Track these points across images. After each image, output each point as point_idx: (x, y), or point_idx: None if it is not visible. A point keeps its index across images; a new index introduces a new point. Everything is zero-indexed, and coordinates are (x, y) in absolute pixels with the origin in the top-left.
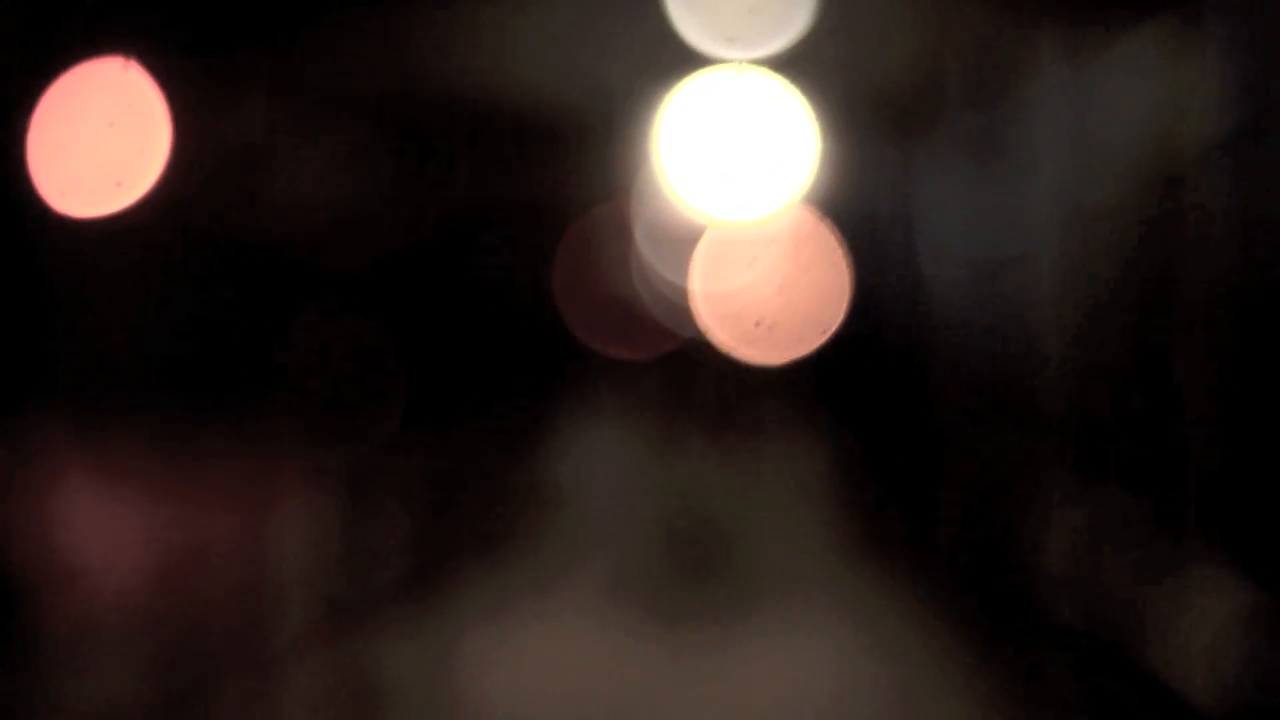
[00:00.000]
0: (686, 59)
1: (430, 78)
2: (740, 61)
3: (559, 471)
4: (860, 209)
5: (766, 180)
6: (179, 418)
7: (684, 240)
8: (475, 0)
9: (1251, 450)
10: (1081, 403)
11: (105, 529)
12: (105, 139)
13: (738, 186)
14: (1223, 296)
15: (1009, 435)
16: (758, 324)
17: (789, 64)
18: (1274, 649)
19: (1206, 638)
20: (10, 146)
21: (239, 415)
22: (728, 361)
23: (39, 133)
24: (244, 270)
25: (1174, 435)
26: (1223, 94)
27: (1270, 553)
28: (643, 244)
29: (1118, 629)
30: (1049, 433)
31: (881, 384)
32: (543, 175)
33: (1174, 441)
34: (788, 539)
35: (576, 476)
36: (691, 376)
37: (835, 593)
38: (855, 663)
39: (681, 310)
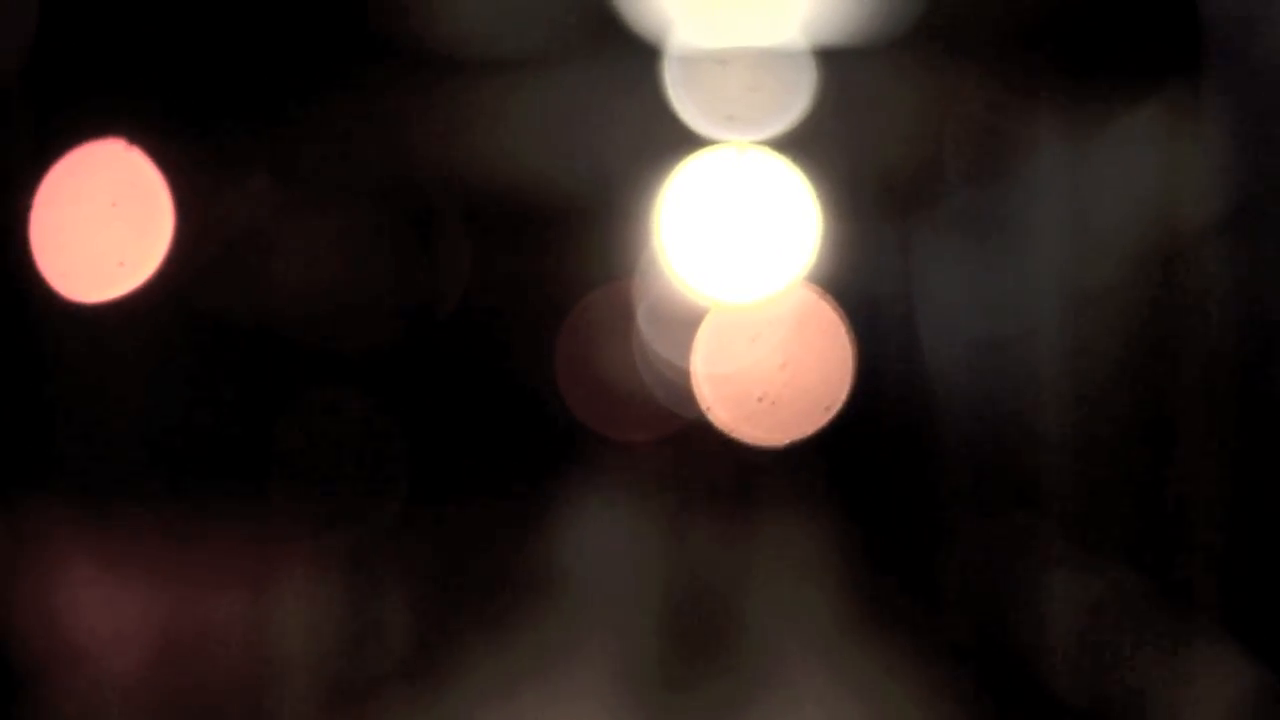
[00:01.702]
0: (686, 139)
1: (430, 161)
2: (740, 142)
3: (562, 553)
4: (861, 288)
5: (768, 261)
6: (182, 500)
7: (686, 321)
8: (475, 83)
9: (1253, 528)
10: (1082, 481)
11: (108, 612)
12: (108, 220)
13: (739, 267)
14: (1222, 375)
15: (1010, 513)
16: (760, 399)
17: (789, 144)
18: None
19: (1212, 711)
20: (12, 228)
21: (242, 497)
22: (730, 442)
23: (41, 214)
24: (246, 353)
25: (1175, 513)
26: (1220, 175)
27: (1273, 630)
28: (644, 325)
29: (1120, 707)
30: (1050, 510)
31: (883, 462)
32: (544, 258)
33: (1175, 519)
34: (791, 618)
35: (580, 558)
36: (694, 457)
37: (839, 672)
38: None
39: (684, 391)
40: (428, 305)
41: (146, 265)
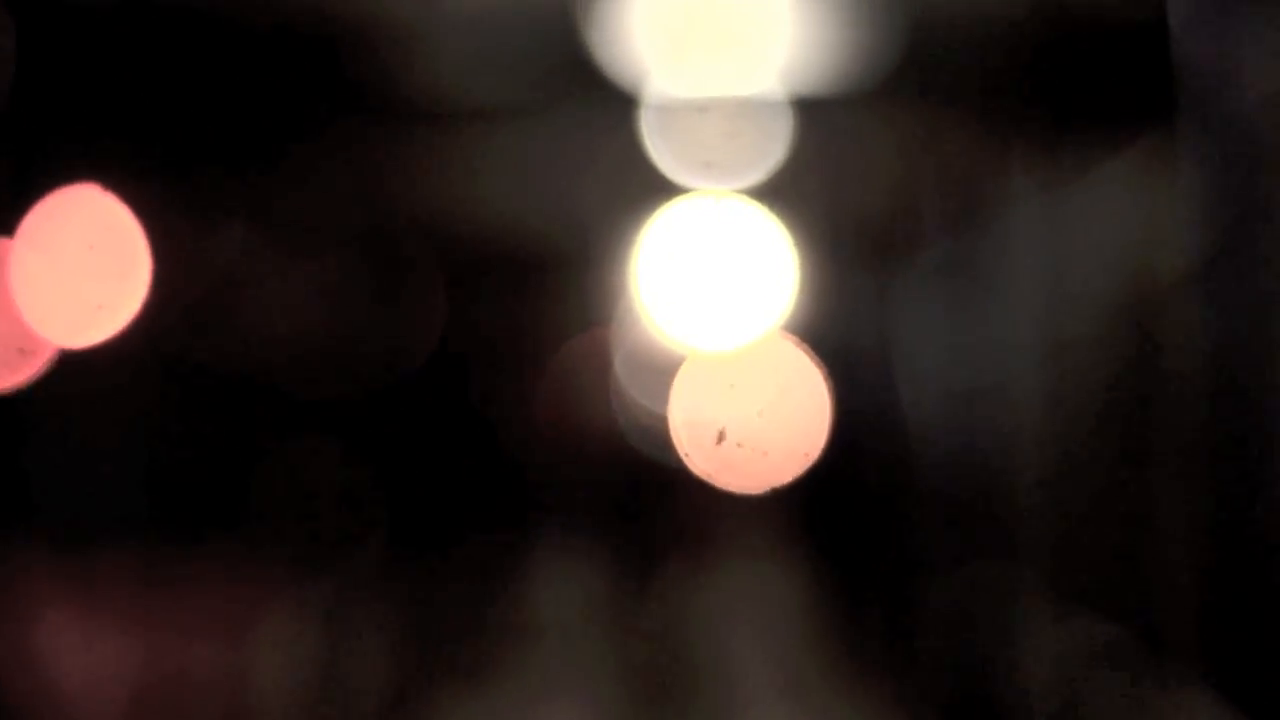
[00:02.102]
0: (663, 187)
1: (406, 208)
2: (717, 190)
3: (538, 602)
4: (839, 336)
5: (745, 309)
6: (158, 547)
7: (663, 369)
8: (451, 130)
9: (1233, 579)
10: (1060, 531)
11: (85, 659)
12: (85, 264)
13: (717, 315)
14: (1197, 424)
15: (987, 561)
16: (739, 446)
17: (766, 192)
18: None
19: None
20: None
21: (219, 544)
22: (707, 489)
23: (18, 259)
24: (223, 399)
25: (1153, 563)
26: (1195, 224)
27: (1253, 679)
28: (622, 373)
29: None
30: (1028, 559)
31: (861, 510)
32: (520, 306)
33: (1153, 569)
34: (767, 666)
35: (556, 607)
36: (671, 506)
37: (812, 713)
38: None
39: (661, 438)
40: (404, 353)
41: (125, 309)
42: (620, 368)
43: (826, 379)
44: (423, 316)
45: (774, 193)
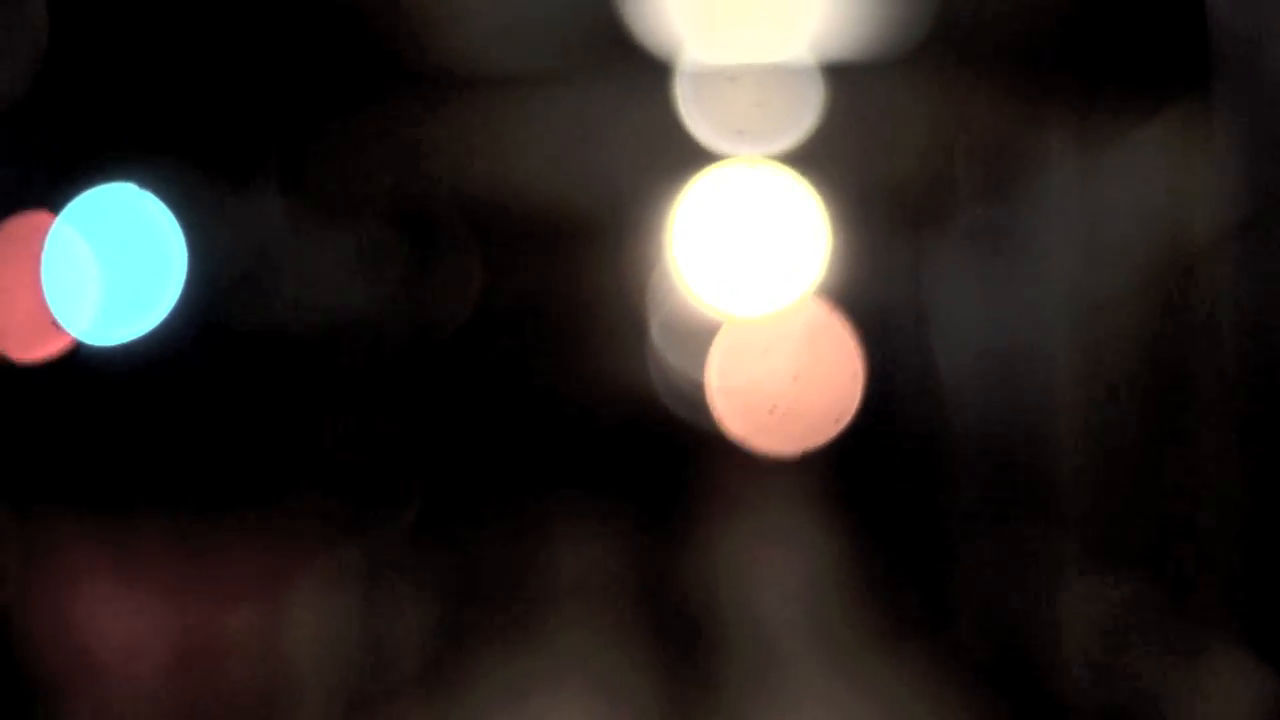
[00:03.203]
0: (697, 155)
1: (442, 177)
2: (751, 156)
3: (574, 563)
4: (872, 301)
5: (779, 275)
6: (197, 513)
7: (699, 334)
8: (486, 99)
9: (1267, 537)
10: (1096, 491)
11: (123, 624)
12: (119, 256)
13: (751, 281)
14: (1233, 386)
15: (1022, 523)
16: (771, 412)
17: (799, 159)
18: None
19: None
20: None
21: (257, 510)
22: (743, 453)
23: (55, 240)
24: (261, 367)
25: (1189, 523)
26: (1230, 186)
27: None
28: (658, 339)
29: (1137, 716)
30: (1063, 521)
31: (896, 474)
32: (556, 273)
33: (1189, 529)
34: (804, 630)
35: (591, 568)
36: (707, 469)
37: (852, 682)
38: None
39: (697, 403)
40: (440, 320)
41: (167, 297)
42: (656, 333)
43: (859, 344)
44: (457, 284)
45: (806, 159)
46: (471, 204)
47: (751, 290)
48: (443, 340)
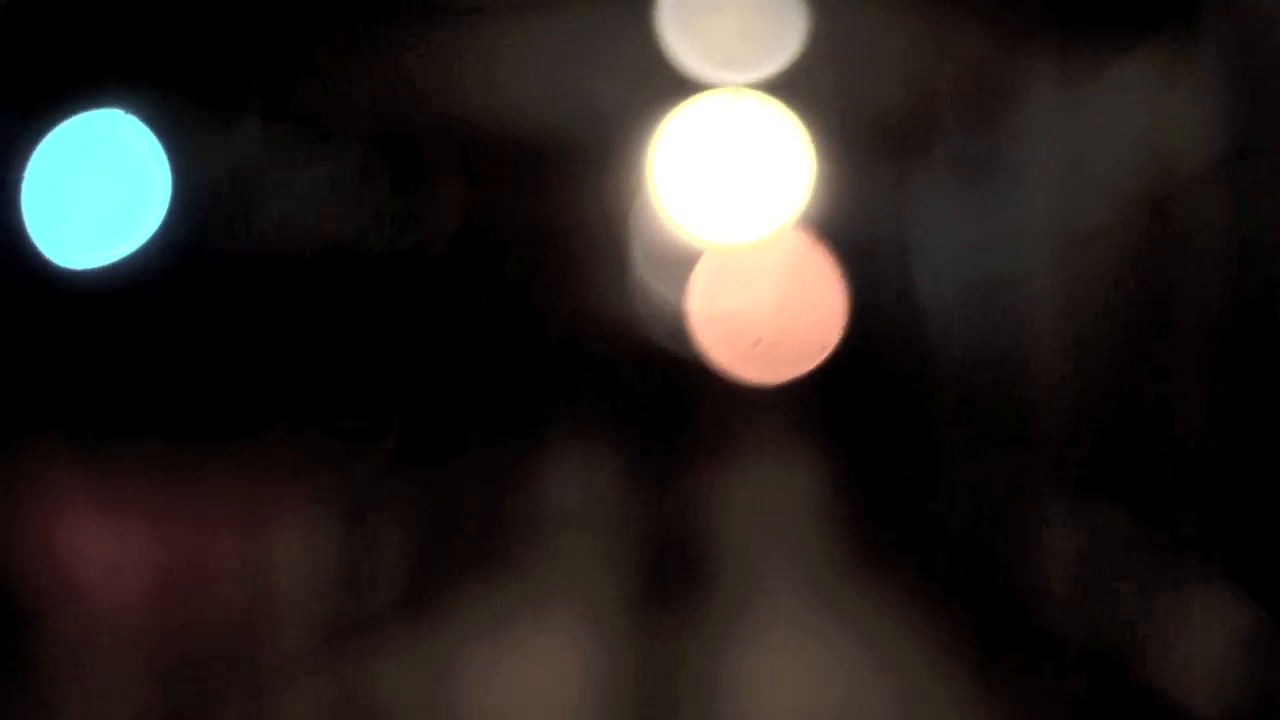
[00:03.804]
0: (680, 83)
1: (423, 102)
2: (733, 84)
3: (556, 492)
4: (855, 231)
5: (762, 203)
6: (176, 441)
7: (682, 262)
8: (469, 25)
9: (1249, 469)
10: (1078, 422)
11: (103, 551)
12: (101, 185)
13: (733, 210)
14: (1217, 316)
15: (1005, 453)
16: (755, 343)
17: (782, 87)
18: (1272, 667)
19: (1207, 655)
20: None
21: (237, 438)
22: (725, 381)
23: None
24: (242, 294)
25: (1170, 454)
26: (1214, 117)
27: (1270, 572)
28: (640, 265)
29: (1116, 647)
30: (1046, 451)
31: (878, 403)
32: (538, 199)
33: (1171, 460)
34: (785, 559)
35: (574, 497)
36: (689, 397)
37: (834, 611)
38: (853, 680)
39: (680, 331)
40: (423, 246)
41: (144, 225)
42: (639, 261)
43: (841, 273)
44: (440, 210)
45: (788, 88)
46: (455, 129)
47: (734, 218)
48: (425, 266)
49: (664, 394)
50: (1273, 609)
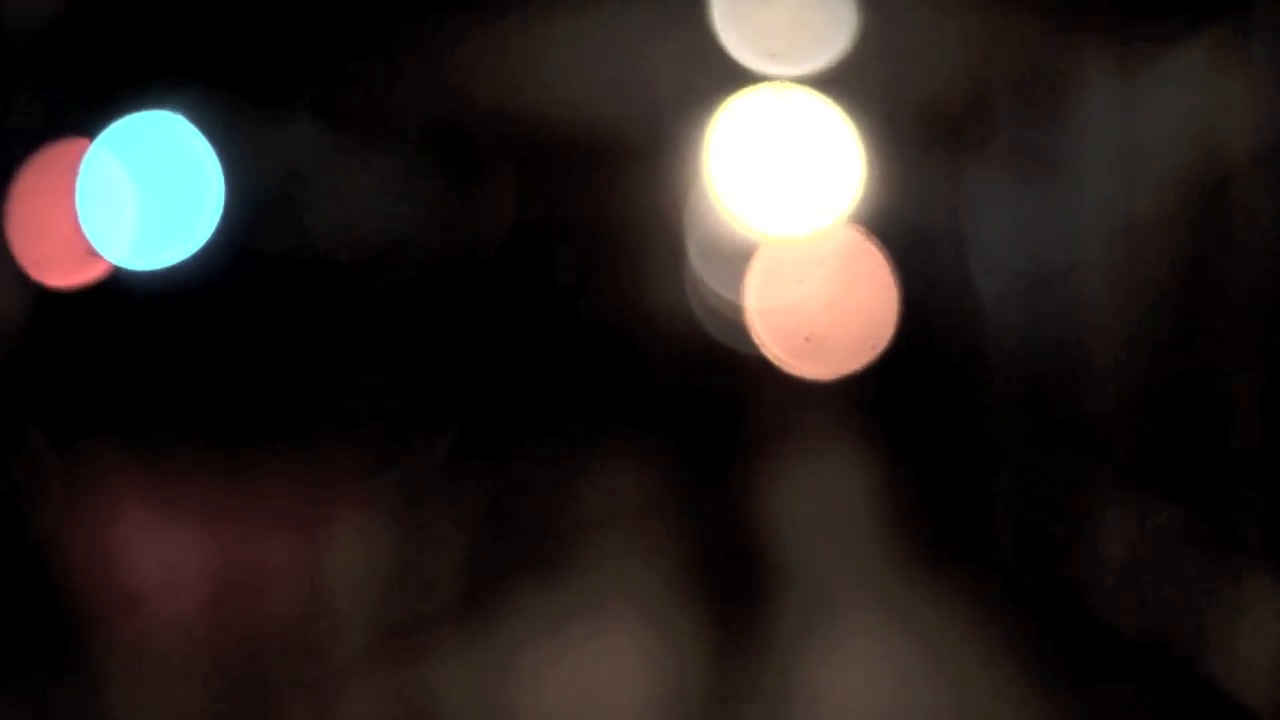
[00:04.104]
0: (732, 75)
1: (476, 98)
2: (785, 78)
3: (612, 491)
4: (909, 224)
5: (815, 197)
6: (233, 442)
7: (737, 256)
8: (519, 20)
9: None
10: (1135, 413)
11: (161, 554)
12: (154, 183)
13: (787, 203)
14: (1274, 303)
15: (1062, 447)
16: (808, 339)
17: (833, 79)
18: None
19: (1264, 649)
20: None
21: (293, 439)
22: (781, 378)
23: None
24: (296, 295)
25: (1227, 443)
26: (1269, 103)
27: None
28: (695, 260)
29: (1171, 643)
30: (1102, 443)
31: (934, 398)
32: (591, 193)
33: (1227, 450)
34: (841, 556)
35: (629, 496)
36: (745, 394)
37: (890, 609)
38: (910, 677)
39: (736, 326)
40: (477, 242)
41: (205, 226)
42: (694, 256)
43: (895, 267)
44: (494, 206)
45: (840, 81)
46: (507, 125)
47: (787, 212)
48: (479, 264)
49: (719, 391)
50: None
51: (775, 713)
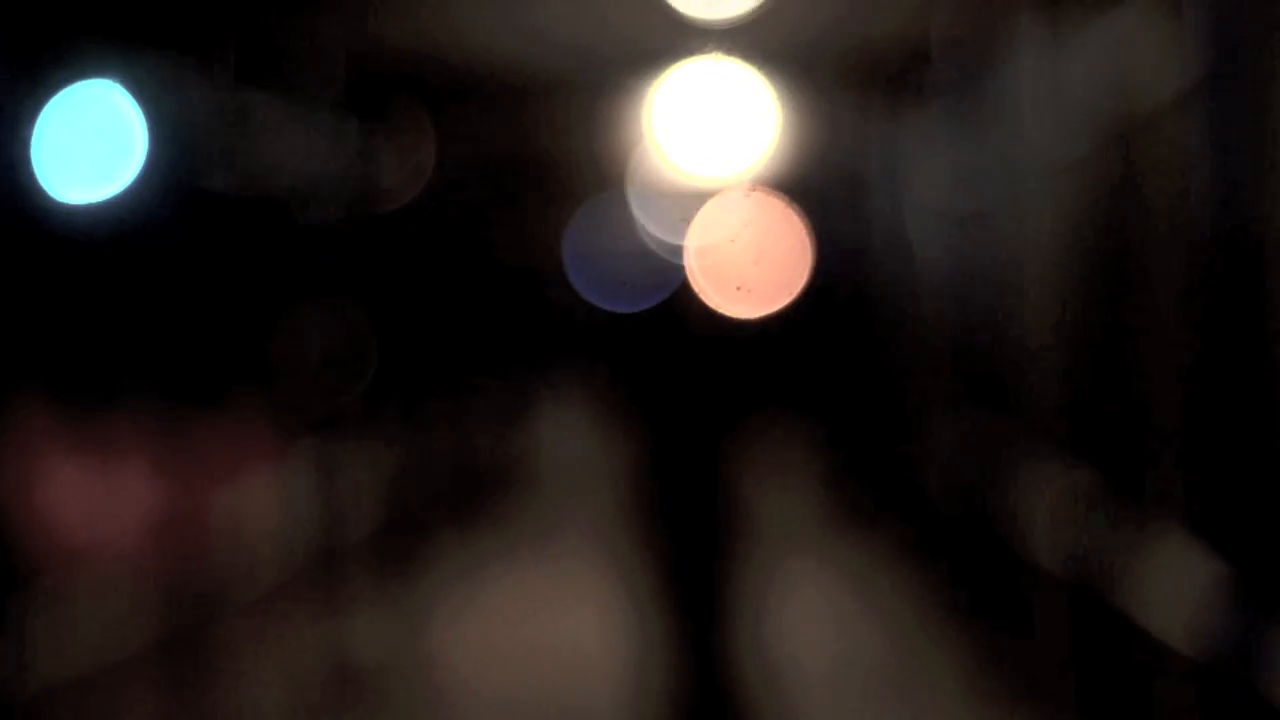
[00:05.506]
0: (669, 22)
1: (421, 42)
2: (719, 31)
3: (533, 443)
4: (834, 168)
5: (740, 143)
6: (159, 397)
7: (675, 200)
8: None
9: (1218, 409)
10: (1053, 357)
11: (91, 503)
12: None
13: (719, 150)
14: (1188, 248)
15: (986, 393)
16: (738, 288)
17: (762, 24)
18: (1234, 613)
19: (1171, 586)
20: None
21: (218, 392)
22: (714, 315)
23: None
24: (219, 241)
25: (1143, 396)
26: (1188, 51)
27: (1231, 524)
28: (636, 203)
29: (1090, 592)
30: (1026, 391)
31: (858, 344)
32: (529, 138)
33: (1142, 403)
34: (768, 507)
35: (550, 448)
36: (678, 331)
37: (824, 563)
38: (846, 629)
39: (673, 265)
40: (398, 191)
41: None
42: (634, 197)
43: (816, 215)
44: (432, 153)
45: (768, 24)
46: (450, 70)
47: (717, 158)
48: (403, 212)
49: (649, 335)
50: (1232, 560)
51: (712, 661)
